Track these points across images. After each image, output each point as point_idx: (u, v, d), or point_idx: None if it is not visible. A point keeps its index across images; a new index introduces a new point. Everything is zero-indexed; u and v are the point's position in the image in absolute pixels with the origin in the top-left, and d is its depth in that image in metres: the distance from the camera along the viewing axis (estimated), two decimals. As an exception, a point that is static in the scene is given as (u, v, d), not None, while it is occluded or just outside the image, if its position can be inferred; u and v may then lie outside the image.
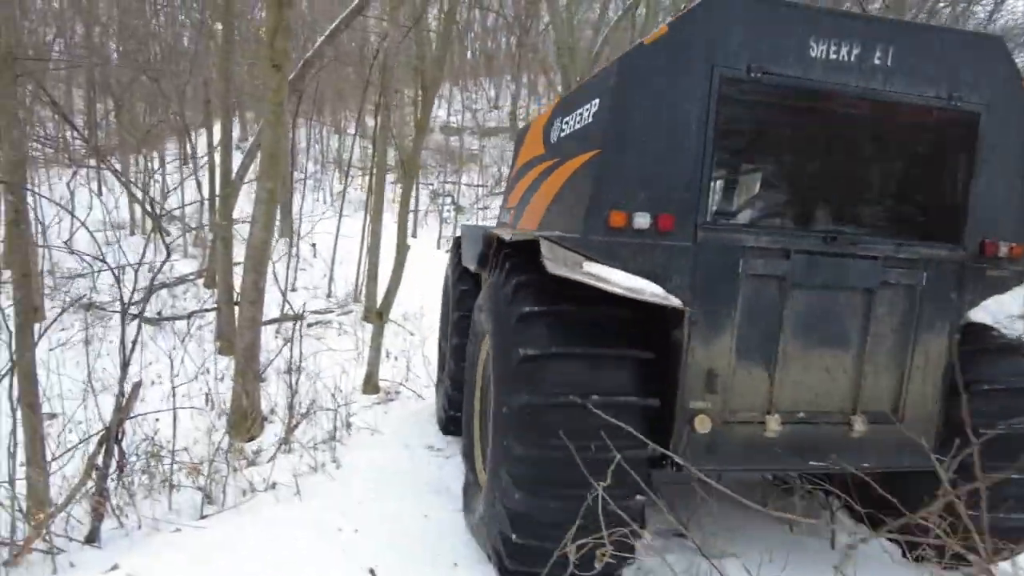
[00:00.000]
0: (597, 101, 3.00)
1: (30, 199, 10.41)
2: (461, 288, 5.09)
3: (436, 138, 20.47)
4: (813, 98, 3.09)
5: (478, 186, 19.78)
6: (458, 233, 5.60)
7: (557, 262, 2.66)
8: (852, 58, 2.90)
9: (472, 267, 4.52)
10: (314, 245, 12.25)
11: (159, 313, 8.92)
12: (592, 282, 2.64)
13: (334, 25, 9.04)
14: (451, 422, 5.12)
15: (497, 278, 3.29)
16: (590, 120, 3.06)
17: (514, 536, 2.84)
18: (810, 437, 3.07)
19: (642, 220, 2.79)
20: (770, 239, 2.96)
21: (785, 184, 4.51)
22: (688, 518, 3.72)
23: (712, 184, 3.01)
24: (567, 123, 3.48)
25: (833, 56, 2.87)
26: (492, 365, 3.15)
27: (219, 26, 17.10)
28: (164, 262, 3.83)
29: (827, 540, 3.83)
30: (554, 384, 2.74)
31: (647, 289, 2.73)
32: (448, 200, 18.46)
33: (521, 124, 22.60)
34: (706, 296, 2.87)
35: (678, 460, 2.81)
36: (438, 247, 15.96)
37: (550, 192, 3.46)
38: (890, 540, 3.55)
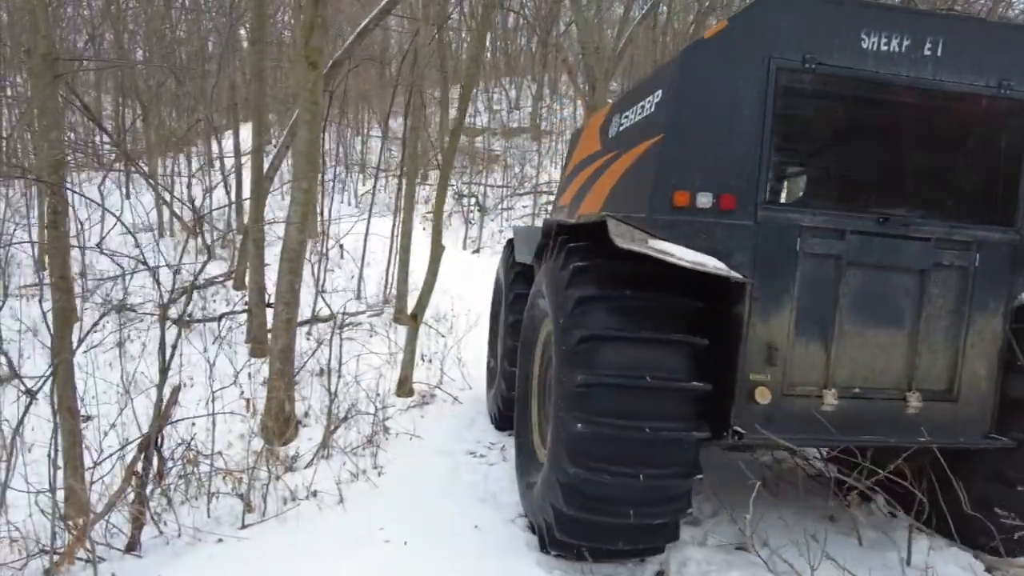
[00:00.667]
0: (660, 92, 3.14)
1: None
2: (516, 292, 5.19)
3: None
4: (865, 87, 3.19)
5: (501, 187, 19.67)
6: (509, 235, 5.85)
7: (624, 238, 2.77)
8: (902, 49, 3.03)
9: (528, 260, 4.70)
10: (341, 246, 12.20)
11: (190, 315, 8.89)
12: (658, 255, 2.76)
13: (364, 24, 8.95)
14: (505, 420, 5.26)
15: (555, 264, 3.38)
16: (652, 110, 3.20)
17: (565, 508, 2.98)
18: (865, 412, 3.15)
19: (704, 199, 2.94)
20: (826, 219, 3.07)
21: (841, 168, 4.68)
22: (753, 531, 3.54)
23: (771, 167, 3.10)
24: (627, 117, 3.59)
25: (884, 48, 3.01)
26: (552, 347, 3.27)
27: (243, 32, 17.29)
28: (205, 264, 3.74)
29: (898, 551, 3.60)
30: (608, 364, 2.87)
31: (710, 263, 2.84)
32: (473, 201, 18.35)
33: (543, 125, 22.57)
34: (766, 273, 2.99)
35: (739, 431, 2.95)
36: (464, 247, 15.87)
37: (610, 182, 3.57)
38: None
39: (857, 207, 3.20)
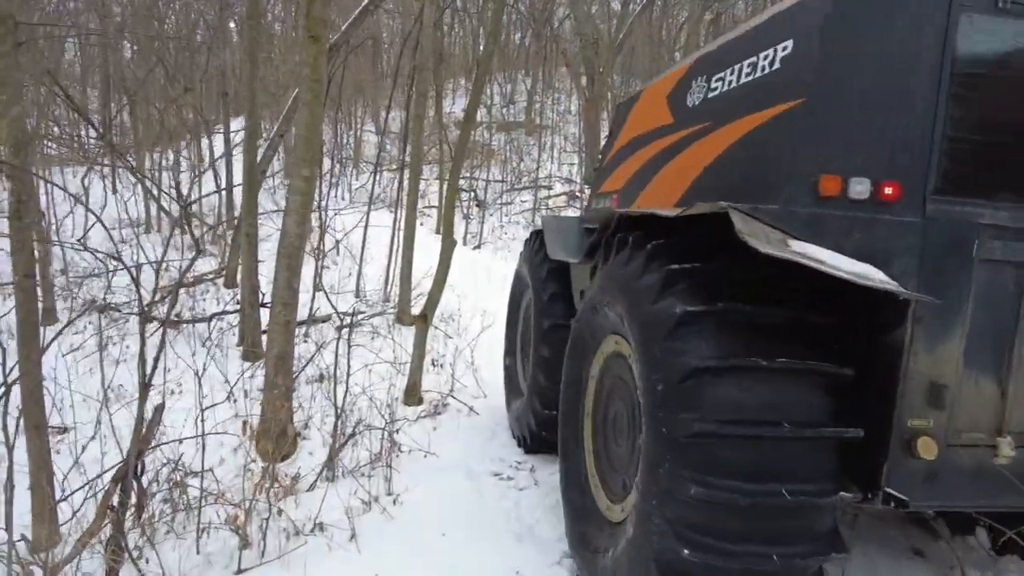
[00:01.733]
0: (790, 43, 2.46)
1: (41, 193, 9.83)
2: (551, 292, 4.49)
3: (453, 134, 19.90)
4: None
5: (498, 181, 19.23)
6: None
7: (758, 238, 2.02)
8: None
9: (572, 258, 3.96)
10: (338, 242, 11.60)
11: (177, 315, 8.28)
12: (808, 263, 2.02)
13: (364, 5, 8.38)
14: (538, 441, 4.57)
15: (626, 266, 2.68)
16: (777, 66, 2.51)
17: None
18: None
19: (860, 187, 2.26)
20: (1010, 215, 2.36)
21: None
22: (843, 568, 3.04)
23: (945, 145, 2.36)
24: (721, 80, 2.87)
25: None
26: (640, 379, 2.54)
27: (233, 25, 16.61)
28: (193, 260, 3.19)
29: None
30: (728, 406, 2.17)
31: (874, 275, 2.08)
32: (472, 196, 17.85)
33: (538, 119, 22.03)
34: (933, 285, 2.27)
35: (897, 495, 2.21)
36: (464, 243, 15.36)
37: (698, 162, 2.86)
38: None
39: None
